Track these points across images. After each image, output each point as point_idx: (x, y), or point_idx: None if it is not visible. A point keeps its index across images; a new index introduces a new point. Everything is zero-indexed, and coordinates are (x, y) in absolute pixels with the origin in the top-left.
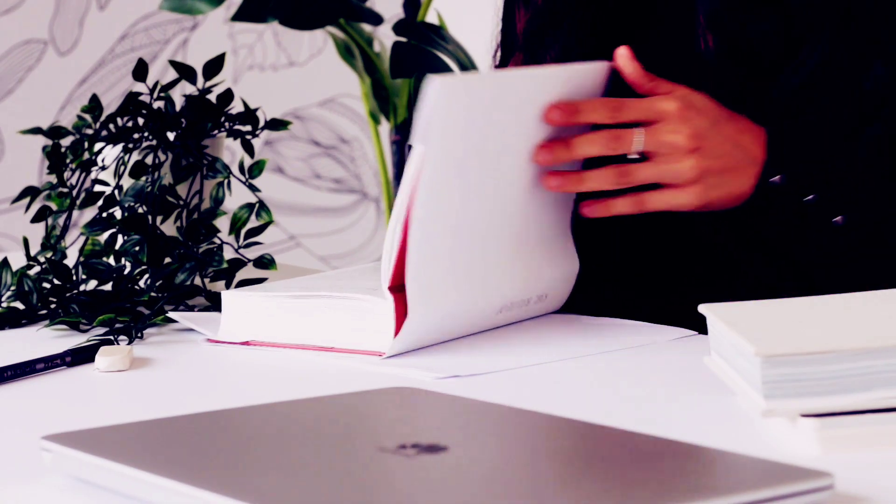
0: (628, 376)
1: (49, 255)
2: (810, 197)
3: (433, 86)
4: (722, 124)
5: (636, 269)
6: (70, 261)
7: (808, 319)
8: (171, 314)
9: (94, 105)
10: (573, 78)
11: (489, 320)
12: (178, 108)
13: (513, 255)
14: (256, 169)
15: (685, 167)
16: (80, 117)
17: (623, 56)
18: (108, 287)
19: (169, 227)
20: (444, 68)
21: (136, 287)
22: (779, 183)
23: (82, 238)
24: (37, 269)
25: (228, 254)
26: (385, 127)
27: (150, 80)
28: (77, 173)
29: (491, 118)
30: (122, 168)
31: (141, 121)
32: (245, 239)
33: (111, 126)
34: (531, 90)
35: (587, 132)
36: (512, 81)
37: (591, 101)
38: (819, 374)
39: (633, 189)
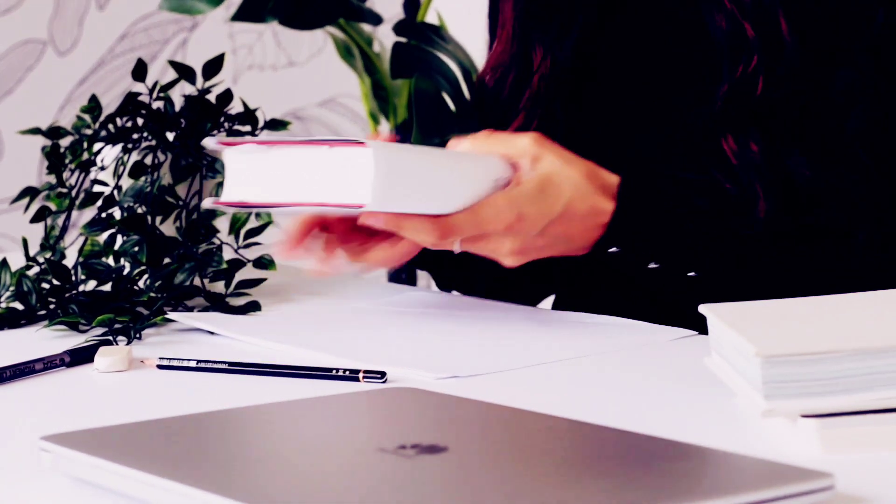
0: (628, 376)
1: (48, 255)
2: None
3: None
4: (555, 224)
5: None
6: (69, 261)
7: (809, 319)
8: (170, 314)
9: (94, 105)
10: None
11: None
12: (177, 108)
13: None
14: None
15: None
16: (79, 117)
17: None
18: (107, 287)
19: (168, 228)
20: (444, 68)
21: (136, 287)
22: (617, 252)
23: (81, 238)
24: (36, 269)
25: (228, 254)
26: (385, 127)
27: (150, 81)
28: (76, 173)
29: None
30: (122, 168)
31: (140, 121)
32: (245, 239)
33: (110, 126)
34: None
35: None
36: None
37: (418, 220)
38: (820, 374)
39: None
